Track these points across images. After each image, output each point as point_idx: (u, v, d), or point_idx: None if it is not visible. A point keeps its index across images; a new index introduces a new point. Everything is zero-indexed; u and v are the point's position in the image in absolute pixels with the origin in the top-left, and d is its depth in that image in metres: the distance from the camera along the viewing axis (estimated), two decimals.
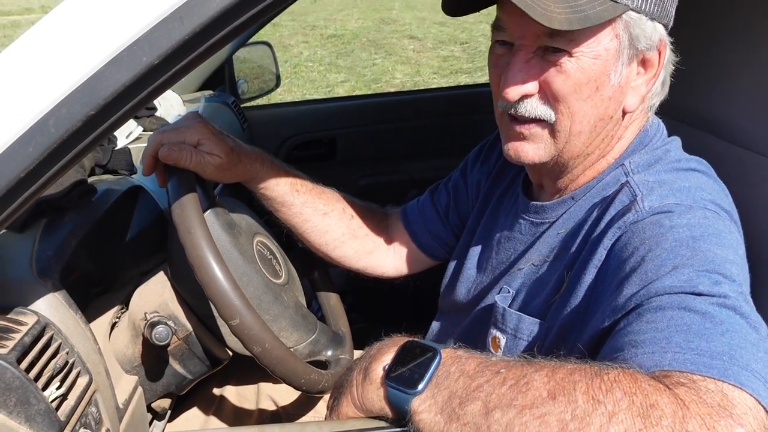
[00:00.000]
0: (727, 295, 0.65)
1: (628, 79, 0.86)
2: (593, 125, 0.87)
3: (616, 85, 0.85)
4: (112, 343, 1.08)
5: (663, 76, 0.89)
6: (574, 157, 0.90)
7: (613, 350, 0.66)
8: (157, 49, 0.64)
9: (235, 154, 1.06)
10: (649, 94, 0.89)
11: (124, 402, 0.99)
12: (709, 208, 0.79)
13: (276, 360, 0.94)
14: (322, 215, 1.18)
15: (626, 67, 0.85)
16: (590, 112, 0.85)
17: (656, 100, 0.92)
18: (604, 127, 0.88)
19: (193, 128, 1.03)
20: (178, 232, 0.92)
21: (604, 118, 0.87)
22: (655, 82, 0.88)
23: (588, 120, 0.86)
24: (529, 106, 0.86)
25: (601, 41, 0.82)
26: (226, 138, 1.06)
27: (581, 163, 0.92)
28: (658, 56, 0.86)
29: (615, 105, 0.86)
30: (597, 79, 0.83)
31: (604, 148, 0.91)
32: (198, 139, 1.02)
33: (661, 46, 0.85)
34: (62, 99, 0.64)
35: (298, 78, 7.03)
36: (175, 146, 1.00)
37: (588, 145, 0.89)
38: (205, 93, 2.15)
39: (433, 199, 1.28)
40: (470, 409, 0.61)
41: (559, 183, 0.96)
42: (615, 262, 0.78)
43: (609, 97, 0.85)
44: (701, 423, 0.53)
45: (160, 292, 1.07)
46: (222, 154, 1.03)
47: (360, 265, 1.25)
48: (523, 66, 0.84)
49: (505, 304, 0.96)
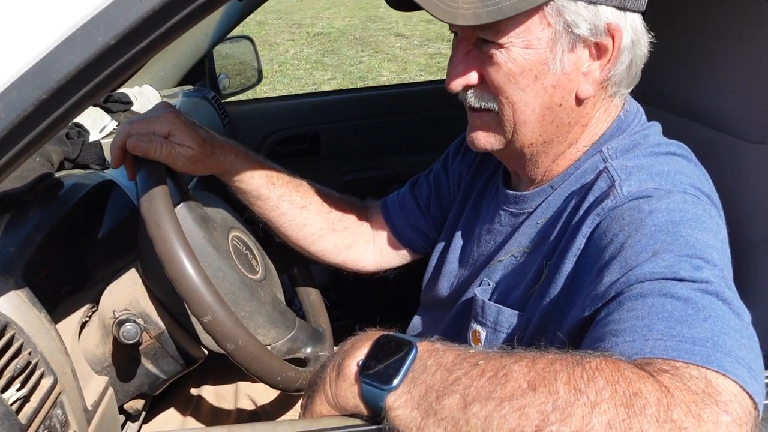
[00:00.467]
0: (709, 281, 0.64)
1: (576, 66, 0.83)
2: (540, 114, 0.85)
3: (559, 72, 0.83)
4: (81, 343, 1.04)
5: (627, 60, 0.85)
6: (529, 145, 0.89)
7: (594, 340, 0.64)
8: (114, 29, 0.60)
9: (208, 146, 1.03)
10: (611, 80, 0.86)
11: (93, 403, 0.96)
12: (688, 192, 0.77)
13: (250, 357, 0.90)
14: (300, 209, 1.15)
15: (569, 54, 0.82)
16: (532, 102, 0.84)
17: (625, 86, 0.88)
18: (556, 115, 0.86)
19: (163, 118, 1.00)
20: (147, 225, 0.89)
21: (551, 106, 0.85)
22: (611, 68, 0.84)
23: (532, 109, 0.85)
24: (474, 96, 0.87)
25: (532, 30, 0.80)
26: (198, 129, 1.03)
27: (544, 151, 0.90)
28: (612, 41, 0.82)
29: (562, 92, 0.85)
30: (533, 68, 0.82)
31: (565, 136, 0.89)
32: (169, 130, 0.99)
33: (612, 30, 0.81)
34: (12, 82, 0.60)
35: (284, 76, 6.99)
36: (144, 137, 0.96)
37: (541, 134, 0.88)
38: (184, 88, 2.11)
39: (413, 191, 1.25)
40: (448, 403, 0.59)
41: (531, 172, 0.95)
42: (594, 249, 0.76)
43: (553, 85, 0.84)
44: (687, 411, 0.51)
45: (131, 289, 1.04)
46: (194, 145, 1.00)
47: (339, 260, 1.22)
48: (462, 58, 0.86)
49: (485, 297, 0.94)
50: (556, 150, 0.90)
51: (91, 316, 1.09)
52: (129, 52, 0.63)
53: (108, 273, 1.15)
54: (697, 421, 0.50)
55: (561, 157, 0.91)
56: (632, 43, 0.84)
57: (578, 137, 0.90)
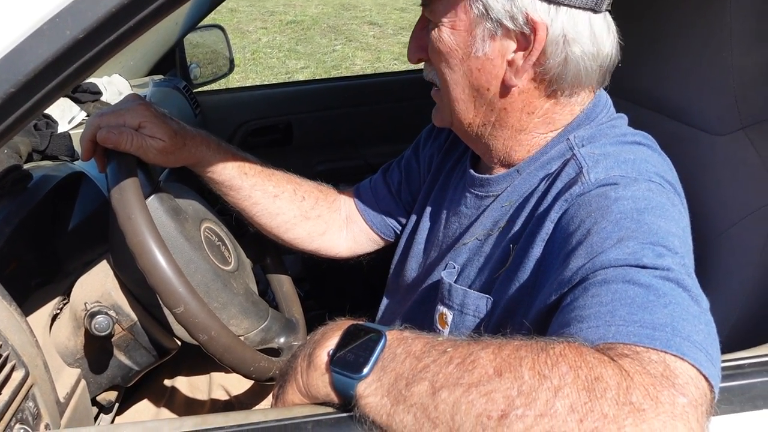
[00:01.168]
0: (670, 268, 0.66)
1: (500, 53, 0.86)
2: (469, 95, 0.90)
3: (482, 57, 0.86)
4: (53, 336, 1.04)
5: (560, 57, 0.84)
6: (468, 125, 0.94)
7: (560, 325, 0.66)
8: (82, 22, 0.60)
9: (180, 138, 1.02)
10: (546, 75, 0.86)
11: (65, 396, 0.96)
12: (653, 180, 0.79)
13: (223, 348, 0.91)
14: (273, 197, 1.16)
15: (490, 41, 0.85)
16: (461, 81, 0.89)
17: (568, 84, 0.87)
18: (486, 99, 0.90)
19: (133, 110, 0.99)
20: (118, 218, 0.89)
21: (479, 89, 0.89)
22: (534, 59, 0.84)
23: (461, 89, 0.90)
24: (426, 70, 0.95)
25: (457, 13, 0.86)
26: (169, 121, 1.03)
27: (491, 134, 0.94)
28: (534, 33, 0.83)
29: (488, 77, 0.87)
30: (459, 49, 0.87)
31: (504, 120, 0.91)
32: (139, 122, 0.98)
33: (532, 22, 0.82)
34: None
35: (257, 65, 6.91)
36: (115, 129, 0.96)
37: (476, 114, 0.92)
38: (154, 77, 2.09)
39: (385, 177, 1.26)
40: (417, 390, 0.60)
41: (488, 155, 0.97)
42: (562, 235, 0.78)
43: (477, 68, 0.87)
44: (645, 393, 0.53)
45: (102, 281, 1.04)
46: (165, 137, 1.00)
47: (313, 247, 1.23)
48: (418, 33, 0.93)
49: (451, 279, 0.95)
50: (503, 134, 0.93)
51: (63, 309, 1.08)
52: (98, 46, 0.63)
53: (79, 265, 1.14)
54: (655, 403, 0.52)
55: (516, 143, 0.93)
56: (566, 40, 0.83)
57: (526, 124, 0.91)
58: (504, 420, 0.54)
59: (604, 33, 0.86)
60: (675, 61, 1.11)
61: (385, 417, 0.62)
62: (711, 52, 1.05)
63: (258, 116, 2.32)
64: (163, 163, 1.03)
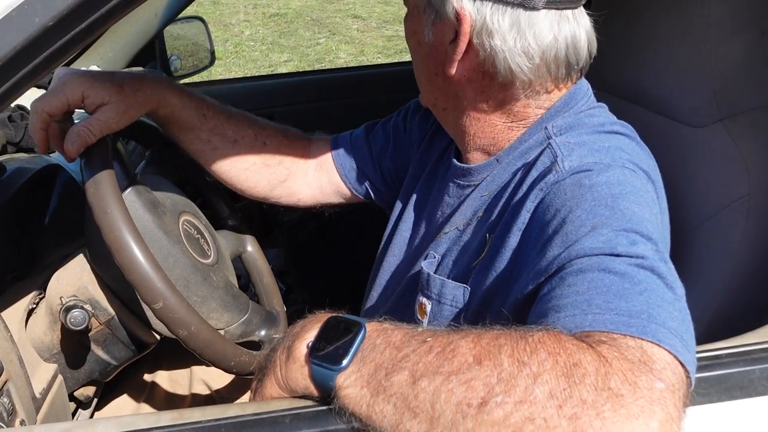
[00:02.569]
0: (645, 256, 0.66)
1: (441, 42, 0.88)
2: (426, 78, 0.95)
3: (428, 43, 0.90)
4: (29, 331, 1.02)
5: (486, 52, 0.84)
6: (432, 107, 0.99)
7: (538, 315, 0.66)
8: (51, 9, 0.59)
9: (129, 87, 0.97)
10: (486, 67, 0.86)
11: (42, 391, 0.95)
12: (627, 167, 0.80)
13: (203, 343, 0.90)
14: (232, 143, 1.12)
15: (432, 28, 0.88)
16: (420, 64, 0.95)
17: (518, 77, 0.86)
18: (437, 84, 0.93)
19: (69, 83, 0.94)
20: (94, 212, 0.87)
21: (430, 73, 0.93)
22: (461, 51, 0.85)
23: (421, 71, 0.95)
24: None
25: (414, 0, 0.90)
26: (109, 76, 0.98)
27: (453, 120, 0.96)
28: (460, 25, 0.83)
29: (435, 63, 0.91)
30: (415, 34, 0.92)
31: (456, 106, 0.94)
32: (81, 92, 0.94)
33: (458, 14, 0.83)
34: None
35: (240, 57, 6.86)
36: (72, 136, 0.92)
37: (436, 98, 0.96)
38: (133, 69, 2.06)
39: (368, 136, 1.23)
40: (397, 380, 0.60)
41: (466, 144, 0.98)
42: (538, 224, 0.79)
43: (427, 53, 0.91)
44: (623, 379, 0.53)
45: (79, 275, 1.02)
46: (112, 95, 0.94)
47: (274, 195, 1.20)
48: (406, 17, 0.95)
49: (431, 269, 0.95)
50: (465, 120, 0.94)
51: (39, 303, 1.06)
52: (69, 33, 0.62)
53: (56, 258, 1.12)
54: (633, 388, 0.52)
55: (479, 130, 0.94)
56: (489, 33, 0.83)
57: (484, 112, 0.91)
58: (484, 407, 0.54)
59: (545, 29, 0.84)
60: (653, 52, 1.12)
61: (365, 408, 0.61)
62: (690, 44, 1.05)
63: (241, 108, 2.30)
64: (130, 120, 0.98)
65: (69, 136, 0.92)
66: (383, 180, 1.21)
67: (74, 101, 0.94)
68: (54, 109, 0.93)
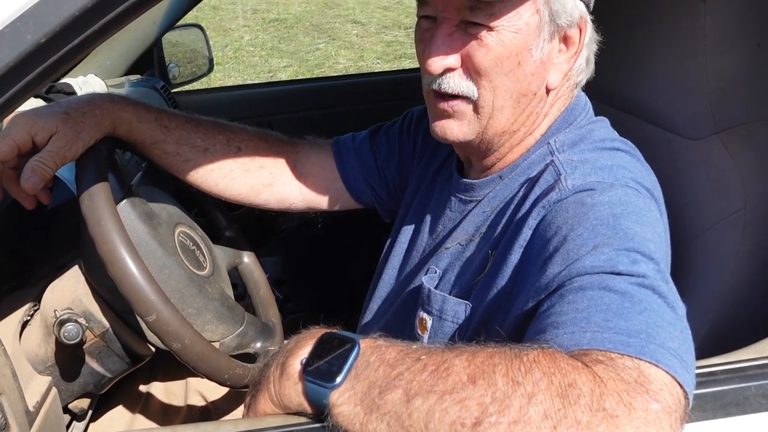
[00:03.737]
0: (646, 275, 0.66)
1: (549, 56, 0.86)
2: (516, 100, 0.87)
3: (538, 60, 0.85)
4: (23, 343, 1.02)
5: (586, 54, 0.90)
6: (499, 134, 0.90)
7: (537, 332, 0.66)
8: (44, 26, 0.59)
9: (75, 113, 0.95)
10: (573, 72, 0.90)
11: (35, 404, 0.94)
12: (630, 186, 0.80)
13: (197, 356, 0.90)
14: (203, 152, 1.09)
15: (548, 43, 0.85)
16: (512, 87, 0.85)
17: (582, 78, 0.93)
18: (528, 104, 0.88)
19: (14, 125, 0.92)
20: (88, 224, 0.87)
21: (527, 94, 0.87)
22: (576, 60, 0.89)
23: (510, 95, 0.86)
24: (452, 81, 0.86)
25: (522, 15, 0.82)
26: (54, 107, 0.96)
27: (507, 141, 0.92)
28: (579, 33, 0.86)
29: (538, 81, 0.87)
30: (518, 53, 0.83)
31: (530, 126, 0.91)
32: (28, 131, 0.91)
33: (581, 23, 0.86)
34: None
35: (239, 63, 6.87)
36: (27, 173, 0.90)
37: (513, 122, 0.89)
38: (131, 77, 2.06)
39: (372, 143, 1.20)
40: (390, 398, 0.59)
41: (486, 161, 0.95)
42: (540, 241, 0.78)
43: (531, 72, 0.85)
44: (618, 399, 0.53)
45: (73, 287, 1.02)
46: (58, 124, 0.92)
47: (261, 200, 1.16)
48: (445, 39, 0.84)
49: (432, 285, 0.94)
50: (515, 139, 0.92)
51: (33, 315, 1.06)
52: (61, 50, 0.62)
53: (52, 269, 1.12)
54: (628, 409, 0.52)
55: (517, 146, 0.93)
56: (590, 38, 0.89)
57: (537, 127, 0.92)
58: (478, 427, 0.54)
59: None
60: (650, 65, 1.12)
61: (359, 426, 0.61)
62: (686, 56, 1.05)
63: (238, 116, 2.28)
64: (85, 146, 0.95)
65: (24, 173, 0.90)
66: (386, 188, 1.19)
67: (23, 142, 0.91)
68: (4, 155, 0.91)
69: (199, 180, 1.12)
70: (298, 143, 1.21)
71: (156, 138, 1.06)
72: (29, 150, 0.93)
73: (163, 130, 1.06)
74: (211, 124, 1.12)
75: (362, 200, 1.20)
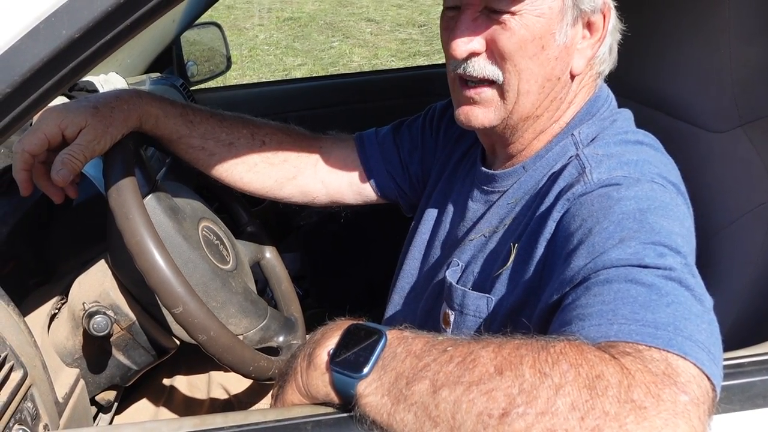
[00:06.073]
0: (673, 268, 0.66)
1: (573, 41, 0.87)
2: (541, 85, 0.87)
3: (561, 45, 0.86)
4: (51, 336, 1.04)
5: (609, 42, 0.90)
6: (523, 119, 0.91)
7: (562, 324, 0.66)
8: (78, 21, 0.60)
9: (104, 108, 0.97)
10: (596, 60, 0.90)
11: (64, 396, 0.96)
12: (656, 181, 0.79)
13: (222, 348, 0.91)
14: (228, 146, 1.11)
15: (571, 28, 0.86)
16: (537, 71, 0.86)
17: (605, 67, 0.93)
18: (552, 89, 0.89)
19: (45, 119, 0.94)
20: (116, 218, 0.88)
21: (552, 78, 0.88)
22: (600, 46, 0.89)
23: (535, 79, 0.87)
24: (477, 65, 0.87)
25: (545, 0, 0.83)
26: (82, 101, 0.98)
27: (531, 126, 0.92)
28: (603, 20, 0.87)
29: (562, 66, 0.88)
30: (542, 37, 0.84)
31: (554, 112, 0.92)
32: (58, 125, 0.94)
33: (605, 9, 0.86)
34: None
35: (254, 62, 6.90)
36: (58, 165, 0.92)
37: (537, 107, 0.90)
38: (151, 75, 2.07)
39: (395, 138, 1.20)
40: (417, 389, 0.60)
41: (510, 148, 0.96)
42: (564, 234, 0.78)
43: (555, 57, 0.86)
44: (646, 391, 0.53)
45: (100, 280, 1.03)
46: (87, 118, 0.94)
47: (284, 194, 1.17)
48: (469, 24, 0.86)
49: (454, 279, 0.95)
50: (539, 125, 0.92)
51: (60, 308, 1.08)
52: (94, 45, 0.63)
53: (77, 264, 1.13)
54: (656, 401, 0.52)
55: (540, 134, 0.93)
56: (613, 26, 0.89)
57: (562, 114, 0.92)
58: (505, 418, 0.54)
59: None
60: (673, 58, 1.11)
61: (386, 416, 0.61)
62: (709, 49, 1.04)
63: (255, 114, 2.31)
64: (113, 140, 0.97)
65: (54, 166, 0.93)
66: (409, 182, 1.20)
67: (53, 135, 0.94)
68: (35, 148, 0.93)
69: (224, 174, 1.13)
70: (321, 138, 1.22)
71: (181, 133, 1.07)
72: (59, 144, 0.95)
73: (189, 125, 1.07)
74: (235, 119, 1.14)
75: (385, 194, 1.21)
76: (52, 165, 0.93)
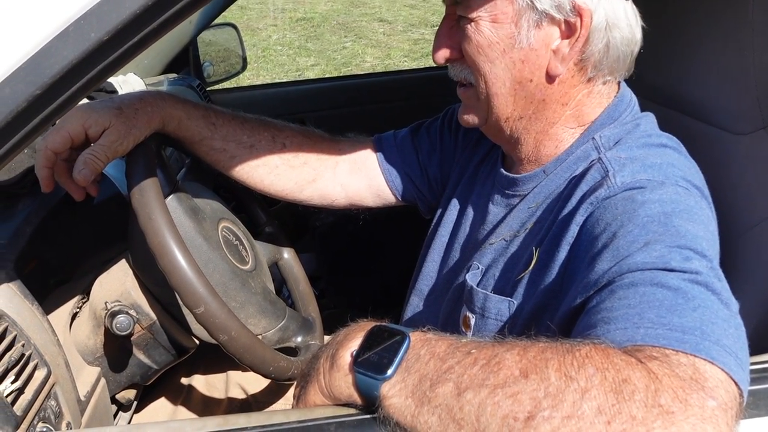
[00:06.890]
0: (699, 271, 0.65)
1: (544, 43, 0.86)
2: (511, 88, 0.89)
3: (526, 47, 0.86)
4: (73, 335, 1.05)
5: (602, 42, 0.86)
6: (505, 120, 0.92)
7: (586, 327, 0.66)
8: (107, 24, 0.60)
9: (128, 109, 0.98)
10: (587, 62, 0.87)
11: (86, 394, 0.96)
12: (680, 185, 0.79)
13: (243, 348, 0.91)
14: (249, 148, 1.11)
15: (535, 30, 0.85)
16: (502, 75, 0.88)
17: (607, 70, 0.89)
18: (527, 90, 0.89)
19: (70, 118, 0.95)
20: (138, 218, 0.89)
21: (522, 81, 0.88)
22: (582, 48, 0.85)
23: (502, 82, 0.89)
24: (455, 70, 0.94)
25: (498, 5, 0.85)
26: (108, 102, 0.99)
27: (524, 128, 0.93)
28: (580, 20, 0.84)
29: (531, 68, 0.87)
30: (501, 41, 0.86)
31: (541, 113, 0.91)
32: (82, 125, 0.95)
33: (578, 9, 0.83)
34: (4, 78, 0.60)
35: (267, 62, 6.92)
36: (80, 165, 0.93)
37: (514, 108, 0.91)
38: (168, 76, 2.09)
39: (414, 140, 1.21)
40: (441, 391, 0.60)
41: (518, 151, 0.96)
42: (587, 238, 0.78)
43: (521, 59, 0.87)
44: (674, 396, 0.52)
45: (122, 280, 1.04)
46: (111, 119, 0.95)
47: (304, 196, 1.18)
48: (446, 32, 0.92)
49: (474, 282, 0.94)
50: (536, 127, 0.92)
51: (82, 307, 1.09)
52: (121, 48, 0.63)
53: (97, 263, 1.14)
54: (684, 406, 0.52)
55: (546, 137, 0.93)
56: (607, 26, 0.85)
57: (559, 117, 0.91)
58: (531, 422, 0.54)
59: (634, 19, 0.88)
60: (696, 59, 1.10)
61: (410, 418, 0.61)
62: (732, 50, 1.03)
63: (271, 114, 2.31)
64: (135, 141, 0.98)
65: (76, 165, 0.94)
66: (429, 185, 1.20)
67: (77, 134, 0.95)
68: (58, 146, 0.94)
69: (245, 176, 1.13)
70: (341, 140, 1.22)
71: (203, 135, 1.08)
72: (82, 143, 0.96)
73: (211, 127, 1.08)
74: (256, 121, 1.14)
75: (404, 196, 1.21)
76: (75, 164, 0.94)
